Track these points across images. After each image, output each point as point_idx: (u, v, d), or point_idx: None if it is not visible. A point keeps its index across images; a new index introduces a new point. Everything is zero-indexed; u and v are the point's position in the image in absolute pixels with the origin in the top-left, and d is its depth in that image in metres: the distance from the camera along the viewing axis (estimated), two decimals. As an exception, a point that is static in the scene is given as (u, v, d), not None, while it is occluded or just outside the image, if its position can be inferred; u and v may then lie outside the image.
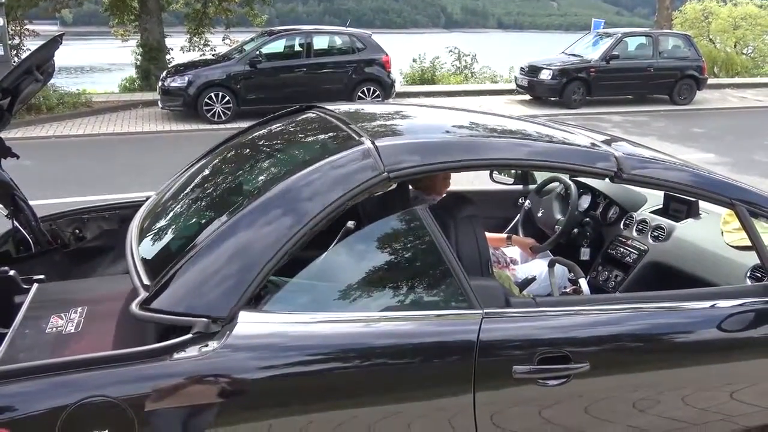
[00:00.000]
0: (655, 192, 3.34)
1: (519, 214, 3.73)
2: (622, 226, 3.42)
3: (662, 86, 14.38)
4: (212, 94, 11.43)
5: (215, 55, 14.18)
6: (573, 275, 2.82)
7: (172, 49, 16.03)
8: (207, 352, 1.76)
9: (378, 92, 12.54)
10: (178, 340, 1.77)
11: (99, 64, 29.37)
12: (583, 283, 2.70)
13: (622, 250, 3.32)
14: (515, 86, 14.92)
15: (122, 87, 16.11)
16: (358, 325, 1.92)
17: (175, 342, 1.77)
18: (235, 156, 2.72)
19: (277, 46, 12.61)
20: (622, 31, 15.14)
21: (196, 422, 1.75)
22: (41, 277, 2.38)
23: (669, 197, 3.31)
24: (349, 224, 2.49)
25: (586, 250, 3.41)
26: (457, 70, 18.61)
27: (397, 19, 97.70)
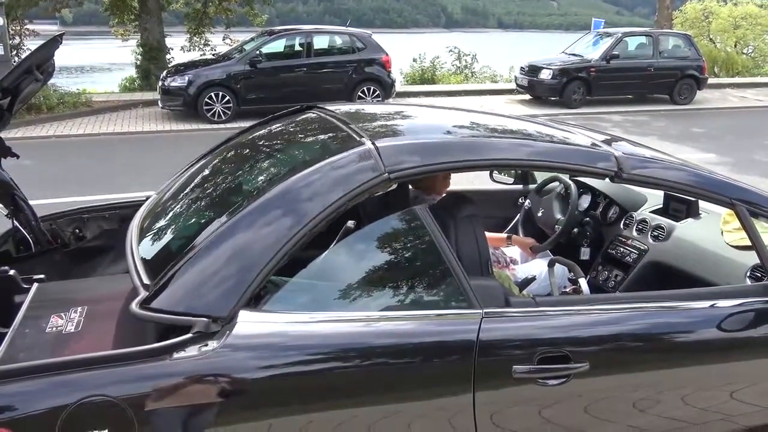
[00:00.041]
0: (655, 192, 3.34)
1: (519, 214, 3.73)
2: (622, 226, 3.42)
3: (662, 86, 14.38)
4: (212, 94, 11.43)
5: (215, 54, 14.18)
6: (573, 275, 2.82)
7: (173, 49, 16.04)
8: (207, 352, 1.76)
9: (378, 92, 12.53)
10: (178, 339, 1.77)
11: (99, 64, 29.36)
12: (583, 283, 2.70)
13: (622, 249, 3.31)
14: (515, 86, 14.92)
15: (122, 87, 16.13)
16: (358, 324, 1.92)
17: (175, 341, 1.77)
18: (235, 156, 2.72)
19: (278, 46, 12.61)
20: (622, 30, 15.14)
21: (195, 422, 1.75)
22: (41, 276, 2.38)
23: (669, 197, 3.30)
24: (349, 224, 2.48)
25: (586, 250, 3.41)
26: (457, 70, 18.61)
27: (398, 19, 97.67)
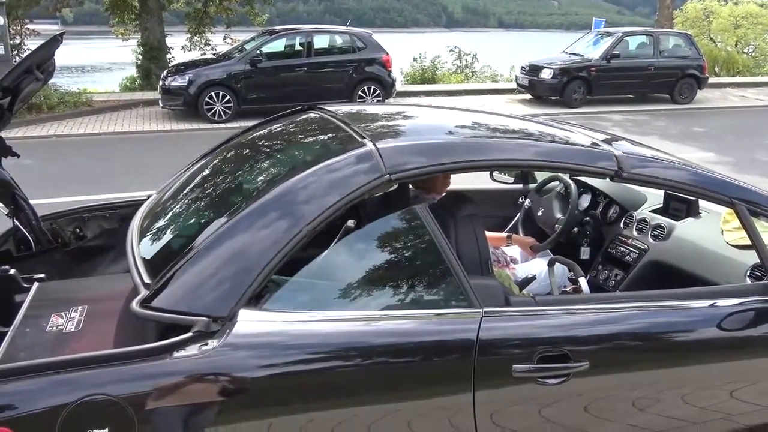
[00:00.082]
0: (655, 191, 3.34)
1: (519, 213, 3.73)
2: (622, 225, 3.42)
3: (663, 85, 14.38)
4: (213, 94, 11.43)
5: (216, 54, 14.18)
6: (573, 274, 2.82)
7: (173, 49, 16.06)
8: (207, 351, 1.76)
9: (378, 91, 12.53)
10: (179, 338, 1.77)
11: (100, 64, 29.37)
12: (583, 282, 2.70)
13: (622, 249, 3.31)
14: (516, 85, 14.92)
15: (123, 86, 16.13)
16: (358, 323, 1.92)
17: (175, 340, 1.77)
18: (236, 156, 2.72)
19: (278, 46, 12.60)
20: (622, 30, 15.13)
21: (195, 421, 1.75)
22: (42, 275, 2.38)
23: (669, 196, 3.30)
24: (349, 223, 2.48)
25: (586, 249, 3.41)
26: (457, 70, 18.60)
27: (398, 18, 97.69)
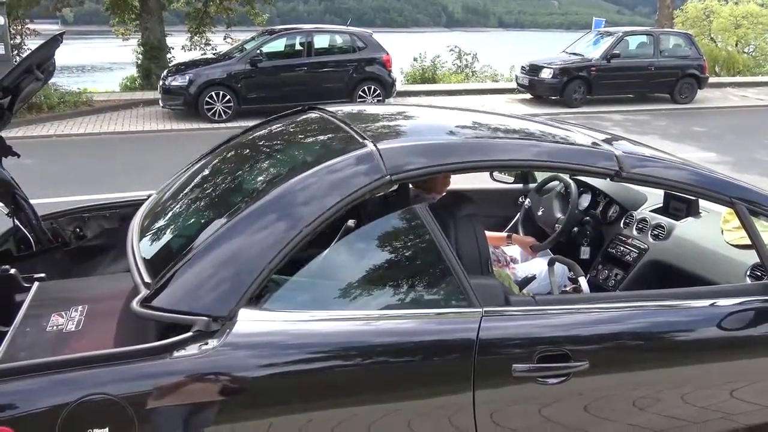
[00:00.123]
0: (655, 191, 3.34)
1: (519, 213, 3.73)
2: (622, 225, 3.42)
3: (663, 85, 14.37)
4: (213, 93, 11.43)
5: (216, 54, 14.18)
6: (573, 274, 2.82)
7: (173, 48, 16.06)
8: (207, 350, 1.76)
9: (379, 91, 12.53)
10: (179, 338, 1.77)
11: (100, 63, 29.38)
12: (583, 282, 2.70)
13: (622, 248, 3.31)
14: (516, 85, 14.92)
15: (123, 86, 16.13)
16: (358, 323, 1.93)
17: (175, 340, 1.77)
18: (237, 156, 2.72)
19: (278, 45, 12.60)
20: (623, 29, 15.12)
21: (196, 420, 1.75)
22: (42, 275, 2.39)
23: (669, 196, 3.30)
24: (349, 223, 2.48)
25: (586, 249, 3.41)
26: (458, 69, 18.60)
27: (398, 18, 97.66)
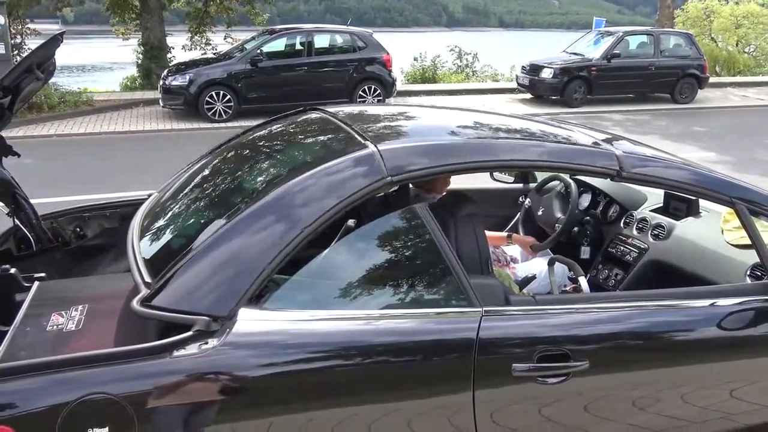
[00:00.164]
0: (655, 190, 3.34)
1: (519, 213, 3.73)
2: (622, 225, 3.42)
3: (664, 85, 14.37)
4: (213, 93, 11.43)
5: (216, 53, 14.18)
6: (573, 273, 2.82)
7: (174, 48, 16.06)
8: (207, 350, 1.76)
9: (379, 91, 12.53)
10: (179, 337, 1.77)
11: (100, 63, 29.38)
12: (583, 282, 2.70)
13: (623, 248, 3.31)
14: (516, 85, 14.91)
15: (123, 86, 16.13)
16: (358, 322, 1.93)
17: (175, 339, 1.77)
18: (237, 156, 2.72)
19: (278, 45, 12.60)
20: (623, 29, 15.11)
21: (196, 419, 1.76)
22: (42, 275, 2.39)
23: (669, 196, 3.30)
24: (349, 222, 2.49)
25: (586, 249, 3.41)
26: (458, 69, 18.60)
27: (399, 18, 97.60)
